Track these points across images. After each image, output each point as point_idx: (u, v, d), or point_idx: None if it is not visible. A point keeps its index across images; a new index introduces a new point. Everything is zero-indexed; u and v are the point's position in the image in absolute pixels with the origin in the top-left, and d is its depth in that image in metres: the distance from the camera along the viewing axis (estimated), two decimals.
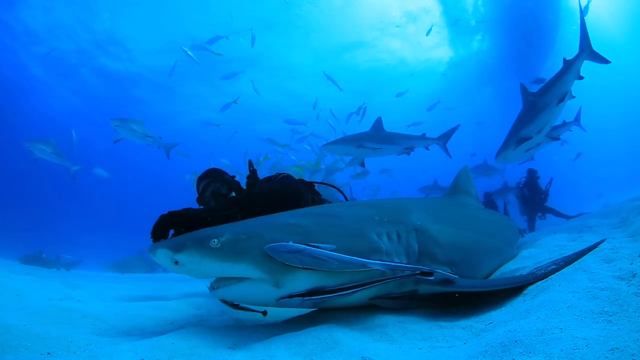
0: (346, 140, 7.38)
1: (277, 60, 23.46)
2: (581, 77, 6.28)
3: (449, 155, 8.29)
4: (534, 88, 7.28)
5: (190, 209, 2.59)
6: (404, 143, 7.68)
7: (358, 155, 7.72)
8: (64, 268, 10.24)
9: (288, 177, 3.07)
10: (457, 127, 8.23)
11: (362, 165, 8.06)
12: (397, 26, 22.38)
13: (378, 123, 7.66)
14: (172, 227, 2.47)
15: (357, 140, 7.30)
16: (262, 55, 22.07)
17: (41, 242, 13.50)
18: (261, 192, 2.78)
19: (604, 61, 6.24)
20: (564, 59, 6.32)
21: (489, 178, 12.79)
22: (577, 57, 6.20)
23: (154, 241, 2.43)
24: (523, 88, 6.97)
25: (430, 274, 2.03)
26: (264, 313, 2.25)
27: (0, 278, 3.76)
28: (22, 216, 24.64)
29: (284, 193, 2.83)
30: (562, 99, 6.25)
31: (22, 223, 22.31)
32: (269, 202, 2.67)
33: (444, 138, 8.15)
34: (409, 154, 7.99)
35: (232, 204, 2.64)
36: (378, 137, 7.46)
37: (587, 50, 6.19)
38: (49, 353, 1.73)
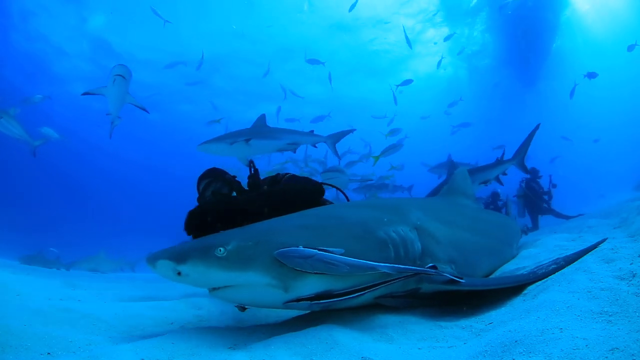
0: (220, 139, 6.77)
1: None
2: (505, 174, 8.01)
3: (337, 156, 8.01)
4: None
5: (222, 196, 2.72)
6: (285, 138, 7.14)
7: (232, 153, 7.00)
8: (64, 268, 10.18)
9: (294, 177, 3.08)
10: (350, 130, 7.86)
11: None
12: (387, 22, 22.00)
13: (261, 119, 7.09)
14: (205, 221, 2.52)
15: (230, 137, 6.72)
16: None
17: (41, 242, 13.45)
18: (289, 190, 2.86)
19: (527, 172, 8.12)
20: (497, 158, 7.94)
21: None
22: (508, 161, 7.77)
23: (189, 234, 2.42)
24: (450, 161, 8.54)
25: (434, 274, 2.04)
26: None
27: (0, 278, 3.76)
28: (22, 216, 24.52)
29: (313, 191, 2.90)
30: (483, 183, 7.82)
31: (22, 223, 22.17)
32: (299, 199, 2.72)
33: (334, 138, 7.68)
34: (294, 151, 7.51)
35: (264, 199, 2.72)
36: (256, 133, 6.90)
37: (518, 160, 7.69)
38: (49, 353, 1.73)
